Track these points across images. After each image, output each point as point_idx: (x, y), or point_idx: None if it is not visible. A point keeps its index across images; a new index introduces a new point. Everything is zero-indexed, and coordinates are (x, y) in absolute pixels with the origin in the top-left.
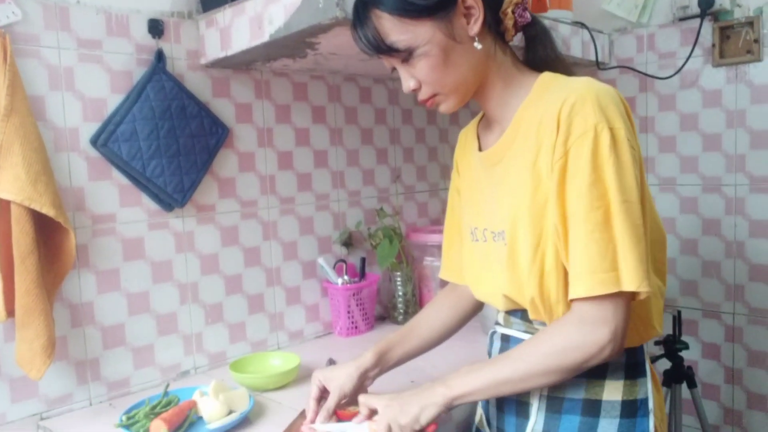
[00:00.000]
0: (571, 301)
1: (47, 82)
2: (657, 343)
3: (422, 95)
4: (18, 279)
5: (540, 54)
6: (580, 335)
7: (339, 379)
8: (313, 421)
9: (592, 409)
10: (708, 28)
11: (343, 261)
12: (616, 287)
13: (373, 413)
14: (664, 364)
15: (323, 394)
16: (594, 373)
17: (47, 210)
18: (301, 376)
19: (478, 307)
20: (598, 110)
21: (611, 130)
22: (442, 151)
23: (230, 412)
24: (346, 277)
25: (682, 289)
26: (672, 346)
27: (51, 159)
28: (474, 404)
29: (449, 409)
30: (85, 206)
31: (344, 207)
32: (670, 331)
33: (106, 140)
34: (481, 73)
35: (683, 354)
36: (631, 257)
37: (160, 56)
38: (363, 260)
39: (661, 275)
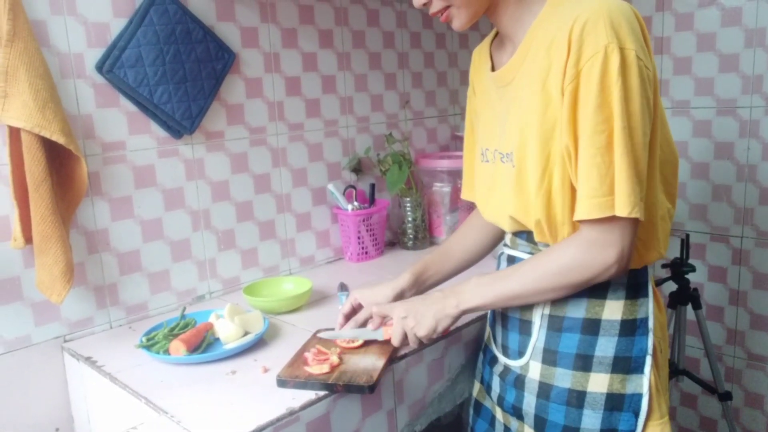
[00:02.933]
0: (579, 222)
1: (48, 6)
2: (664, 266)
3: (433, 8)
4: (33, 207)
5: None
6: (588, 255)
7: (374, 298)
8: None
9: (592, 327)
10: None
11: (353, 187)
12: (609, 212)
13: (385, 321)
14: (671, 286)
15: (354, 311)
16: (595, 293)
17: (57, 137)
18: (313, 299)
19: None
20: (610, 30)
21: (622, 50)
22: (451, 76)
23: (246, 334)
24: (355, 203)
25: (692, 213)
26: (679, 268)
27: (57, 86)
28: (483, 323)
29: (460, 317)
30: (95, 134)
31: (353, 133)
32: (678, 255)
33: (112, 66)
34: None
35: (689, 277)
36: (626, 183)
37: None
38: (372, 186)
39: (671, 197)
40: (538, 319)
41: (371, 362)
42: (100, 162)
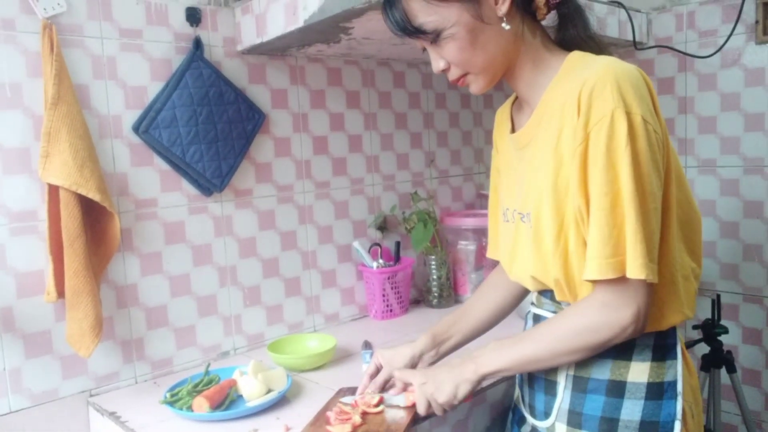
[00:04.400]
0: (593, 283)
1: (91, 72)
2: (695, 327)
3: (452, 75)
4: (67, 261)
5: (571, 33)
6: (602, 317)
7: (394, 358)
8: (361, 393)
9: (617, 390)
10: (751, 4)
11: (378, 245)
12: (618, 273)
13: (407, 386)
14: (703, 348)
15: (378, 371)
16: (620, 354)
17: (93, 195)
18: (337, 357)
19: None
20: (617, 94)
21: (628, 115)
22: (476, 135)
23: (269, 391)
24: (381, 261)
25: (722, 273)
26: (710, 330)
27: (96, 146)
28: (509, 384)
29: (480, 383)
30: (129, 191)
31: (379, 191)
32: (709, 316)
33: (148, 127)
34: (511, 53)
35: (722, 339)
36: (637, 246)
37: (197, 44)
38: (398, 244)
39: (696, 257)
40: (563, 380)
41: (394, 422)
42: (133, 218)
